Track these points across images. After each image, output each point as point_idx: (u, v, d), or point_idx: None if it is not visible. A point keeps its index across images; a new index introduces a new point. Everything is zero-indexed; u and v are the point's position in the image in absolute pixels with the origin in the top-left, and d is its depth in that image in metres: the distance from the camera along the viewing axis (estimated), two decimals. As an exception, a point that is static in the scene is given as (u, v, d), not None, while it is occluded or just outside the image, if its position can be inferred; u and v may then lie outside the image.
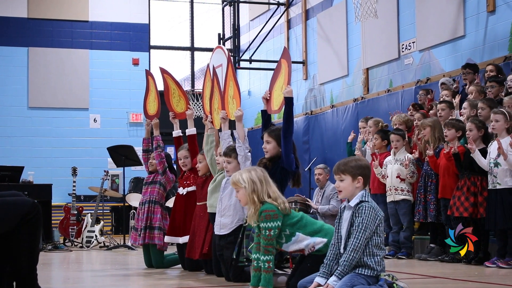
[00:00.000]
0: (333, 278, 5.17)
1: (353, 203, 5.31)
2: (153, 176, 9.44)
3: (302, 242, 5.76)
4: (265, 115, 7.00)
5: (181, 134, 8.93)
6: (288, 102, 6.50)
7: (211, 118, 7.95)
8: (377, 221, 5.22)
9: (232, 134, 7.29)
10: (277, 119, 15.81)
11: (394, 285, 5.25)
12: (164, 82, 9.25)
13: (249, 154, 7.00)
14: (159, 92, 9.47)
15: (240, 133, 6.97)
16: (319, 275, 5.35)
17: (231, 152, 7.09)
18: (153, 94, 9.48)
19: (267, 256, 5.65)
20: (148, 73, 9.73)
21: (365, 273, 5.20)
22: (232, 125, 7.30)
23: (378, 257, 5.25)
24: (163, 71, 9.32)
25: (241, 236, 6.65)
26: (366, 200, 5.29)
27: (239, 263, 6.63)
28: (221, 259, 7.21)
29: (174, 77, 9.38)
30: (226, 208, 7.19)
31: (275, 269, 6.85)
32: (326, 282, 5.21)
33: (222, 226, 7.20)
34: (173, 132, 8.99)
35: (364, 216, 5.20)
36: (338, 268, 5.19)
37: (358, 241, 5.15)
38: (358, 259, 5.19)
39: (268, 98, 6.93)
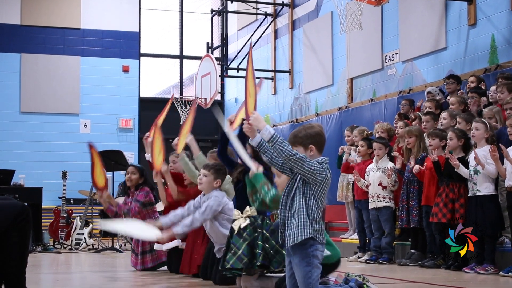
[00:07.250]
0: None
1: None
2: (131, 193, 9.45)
3: None
4: (225, 139, 6.92)
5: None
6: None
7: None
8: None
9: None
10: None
11: (365, 286, 5.32)
12: (154, 135, 8.82)
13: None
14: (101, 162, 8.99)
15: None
16: None
17: (209, 167, 7.31)
18: (99, 167, 8.86)
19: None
20: (90, 147, 8.91)
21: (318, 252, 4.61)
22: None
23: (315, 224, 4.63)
24: (155, 125, 8.91)
25: (225, 248, 6.70)
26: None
27: (224, 273, 6.74)
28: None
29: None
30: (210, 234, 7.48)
31: (267, 274, 6.75)
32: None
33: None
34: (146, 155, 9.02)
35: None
36: None
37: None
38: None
39: (233, 120, 6.76)
